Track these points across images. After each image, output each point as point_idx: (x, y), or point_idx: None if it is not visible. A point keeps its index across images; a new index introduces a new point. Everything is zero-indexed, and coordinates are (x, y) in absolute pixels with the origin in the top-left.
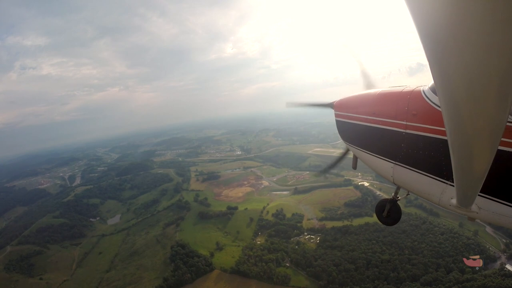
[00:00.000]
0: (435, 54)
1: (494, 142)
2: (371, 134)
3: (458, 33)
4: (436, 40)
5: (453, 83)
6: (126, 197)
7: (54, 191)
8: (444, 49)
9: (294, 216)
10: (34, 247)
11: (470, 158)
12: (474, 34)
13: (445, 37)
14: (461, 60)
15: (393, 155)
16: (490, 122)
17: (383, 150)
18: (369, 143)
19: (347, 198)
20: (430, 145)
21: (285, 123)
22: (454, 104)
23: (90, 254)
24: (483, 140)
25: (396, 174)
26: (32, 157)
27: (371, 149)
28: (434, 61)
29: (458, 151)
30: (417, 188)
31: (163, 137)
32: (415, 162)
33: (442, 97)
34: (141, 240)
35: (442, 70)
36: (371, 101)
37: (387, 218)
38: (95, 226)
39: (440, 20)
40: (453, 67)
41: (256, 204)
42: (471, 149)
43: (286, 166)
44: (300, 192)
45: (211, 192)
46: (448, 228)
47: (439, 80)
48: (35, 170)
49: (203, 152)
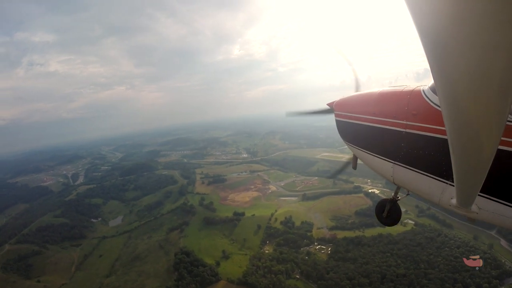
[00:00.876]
0: (435, 54)
1: (494, 142)
2: (371, 134)
3: (458, 33)
4: (436, 40)
5: (453, 83)
6: (129, 198)
7: (57, 189)
8: (444, 49)
9: (304, 224)
10: (33, 246)
11: (470, 158)
12: (474, 34)
13: (445, 37)
14: (461, 60)
15: (393, 155)
16: (490, 122)
17: (383, 150)
18: (369, 143)
19: (357, 207)
20: (430, 145)
21: (291, 125)
22: (454, 103)
23: (90, 256)
24: (483, 140)
25: (396, 174)
26: (37, 153)
27: (371, 149)
28: (434, 61)
29: (458, 151)
30: (417, 188)
31: (168, 137)
32: (415, 162)
33: (442, 96)
34: (144, 245)
35: (442, 70)
36: (371, 101)
37: (387, 218)
38: (96, 227)
39: (440, 20)
40: (453, 67)
41: (264, 210)
42: (471, 149)
43: (294, 171)
44: (309, 199)
45: (217, 196)
46: (463, 242)
47: (439, 80)
48: (39, 167)
49: (208, 154)
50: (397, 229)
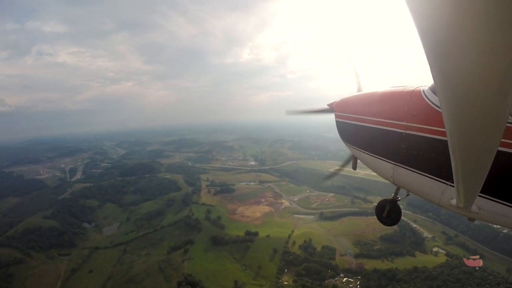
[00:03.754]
0: (435, 54)
1: (494, 142)
2: (371, 134)
3: (458, 34)
4: (436, 41)
5: (453, 84)
6: (127, 202)
7: (52, 184)
8: (444, 50)
9: (325, 249)
10: (16, 253)
11: (470, 158)
12: (474, 34)
13: (445, 37)
14: (461, 61)
15: (393, 156)
16: (490, 123)
17: (383, 151)
18: (369, 144)
19: (382, 231)
20: (430, 146)
21: (299, 134)
22: (454, 104)
23: (79, 271)
24: (483, 140)
25: (396, 175)
26: (38, 142)
27: (371, 150)
28: (434, 61)
29: (458, 152)
30: (417, 188)
31: (173, 137)
32: (415, 163)
33: (442, 97)
34: (141, 264)
35: (442, 70)
36: (371, 101)
37: (387, 218)
38: (88, 234)
39: (440, 20)
40: (453, 68)
41: (279, 230)
42: (471, 150)
43: (307, 184)
44: (328, 219)
45: (225, 208)
46: (503, 278)
47: (439, 81)
48: (37, 158)
49: (214, 158)
50: (431, 260)
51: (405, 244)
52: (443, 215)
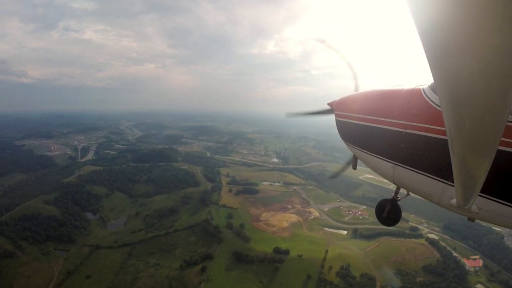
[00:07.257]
0: (435, 54)
1: (494, 142)
2: (371, 134)
3: (458, 33)
4: (436, 40)
5: (453, 83)
6: (138, 193)
7: (61, 163)
8: (444, 49)
9: (364, 278)
10: (7, 244)
11: (470, 158)
12: (474, 34)
13: (446, 37)
14: (461, 60)
15: (393, 155)
16: (490, 122)
17: (383, 150)
18: (368, 143)
19: (424, 259)
20: (430, 145)
21: (322, 133)
22: (454, 103)
23: (75, 274)
24: (483, 140)
25: (396, 174)
26: (56, 116)
27: (371, 149)
28: (434, 60)
29: (458, 151)
30: (417, 188)
31: (192, 123)
32: (415, 162)
33: (442, 96)
34: (147, 277)
35: (442, 69)
36: (371, 100)
37: (387, 218)
38: (90, 228)
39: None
40: (453, 67)
41: (311, 247)
42: (471, 149)
43: (335, 191)
44: (363, 237)
45: (247, 213)
46: None
47: (439, 80)
48: (51, 132)
49: (234, 151)
50: None
51: (448, 277)
52: (485, 244)
